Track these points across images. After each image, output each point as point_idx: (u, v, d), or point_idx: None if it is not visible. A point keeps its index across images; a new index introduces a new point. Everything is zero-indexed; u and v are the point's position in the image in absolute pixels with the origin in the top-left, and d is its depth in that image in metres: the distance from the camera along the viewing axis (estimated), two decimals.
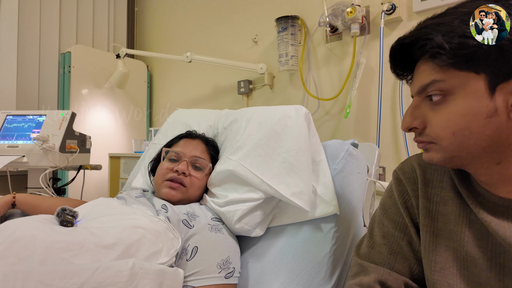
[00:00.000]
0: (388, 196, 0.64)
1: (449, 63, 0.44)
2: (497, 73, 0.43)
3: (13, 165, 1.36)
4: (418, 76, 0.50)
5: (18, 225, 0.63)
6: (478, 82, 0.44)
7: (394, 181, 0.63)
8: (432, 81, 0.47)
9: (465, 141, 0.46)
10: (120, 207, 0.82)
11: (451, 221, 0.53)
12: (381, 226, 0.62)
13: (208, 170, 0.97)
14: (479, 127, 0.44)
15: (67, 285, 0.55)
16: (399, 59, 0.54)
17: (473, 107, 0.44)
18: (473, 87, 0.44)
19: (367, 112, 1.59)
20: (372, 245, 0.62)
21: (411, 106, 0.51)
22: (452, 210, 0.53)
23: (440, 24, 0.45)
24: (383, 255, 0.60)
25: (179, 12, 2.52)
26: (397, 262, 0.59)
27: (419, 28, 0.48)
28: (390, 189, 0.64)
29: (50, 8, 2.24)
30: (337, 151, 0.91)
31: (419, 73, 0.50)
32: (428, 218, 0.56)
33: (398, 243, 0.59)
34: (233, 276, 0.76)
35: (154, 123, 2.67)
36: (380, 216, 0.64)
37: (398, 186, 0.62)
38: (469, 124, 0.45)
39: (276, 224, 0.89)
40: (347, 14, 1.51)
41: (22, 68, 2.09)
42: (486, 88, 0.44)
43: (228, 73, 2.15)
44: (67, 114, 1.47)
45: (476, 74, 0.44)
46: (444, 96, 0.47)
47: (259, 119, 0.95)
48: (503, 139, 0.45)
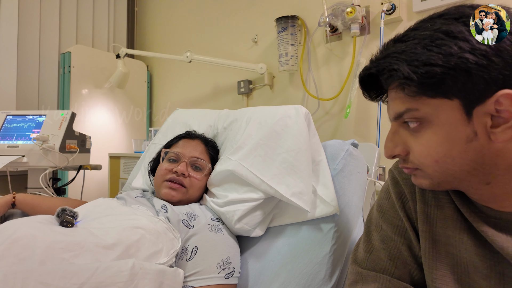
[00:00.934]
0: (385, 198, 0.62)
1: (419, 92, 0.43)
2: (470, 97, 0.41)
3: (13, 165, 1.36)
4: (391, 103, 0.49)
5: (19, 225, 0.63)
6: (453, 108, 0.43)
7: (391, 182, 0.62)
8: (406, 110, 0.46)
9: (449, 168, 0.45)
10: (120, 208, 0.82)
11: (449, 226, 0.52)
12: (379, 230, 0.60)
13: (208, 171, 0.97)
14: (460, 152, 0.44)
15: (67, 285, 0.55)
16: (369, 86, 0.52)
17: (450, 134, 0.43)
18: (448, 114, 0.43)
19: (367, 112, 1.59)
20: (371, 250, 0.60)
21: (391, 131, 0.50)
22: (449, 214, 0.52)
23: (403, 52, 0.44)
24: (383, 261, 0.58)
25: (179, 12, 2.52)
26: (397, 268, 0.57)
27: (383, 57, 0.46)
28: (387, 189, 0.62)
29: (50, 8, 2.24)
30: (337, 151, 0.91)
31: (392, 100, 0.49)
32: (426, 224, 0.54)
33: (398, 248, 0.58)
34: (233, 276, 0.76)
35: (154, 123, 2.67)
36: (378, 219, 0.62)
37: (395, 187, 0.60)
38: (450, 151, 0.44)
39: (276, 224, 0.89)
40: (347, 14, 1.51)
41: (22, 68, 2.09)
42: (462, 113, 0.42)
43: (228, 73, 2.15)
44: (67, 114, 1.47)
45: (449, 100, 0.42)
46: (420, 123, 0.46)
47: (259, 119, 0.95)
48: (488, 160, 0.43)
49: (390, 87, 0.48)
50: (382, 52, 0.48)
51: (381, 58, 0.47)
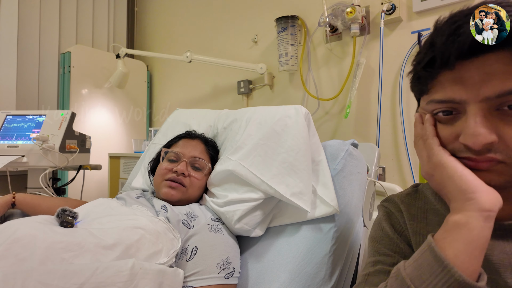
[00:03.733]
0: (379, 229, 0.59)
1: None
2: None
3: (13, 165, 1.36)
4: (492, 76, 0.41)
5: (19, 225, 0.63)
6: None
7: (384, 215, 0.59)
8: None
9: None
10: (119, 208, 0.82)
11: None
12: (377, 255, 0.57)
13: (208, 170, 0.97)
14: None
15: (67, 285, 0.55)
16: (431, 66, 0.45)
17: None
18: None
19: (367, 112, 1.59)
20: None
21: (479, 115, 0.42)
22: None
23: None
24: (384, 274, 0.53)
25: (179, 12, 2.52)
26: None
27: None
28: (379, 222, 0.59)
29: (50, 8, 2.24)
30: (337, 151, 0.91)
31: (494, 73, 0.41)
32: (421, 240, 0.53)
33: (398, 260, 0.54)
34: (233, 276, 0.75)
35: (154, 123, 2.67)
36: (373, 250, 0.58)
37: (389, 218, 0.58)
38: None
39: (276, 224, 0.89)
40: (347, 14, 1.51)
41: (22, 68, 2.09)
42: None
43: (228, 73, 2.15)
44: (67, 114, 1.47)
45: None
46: None
47: (259, 119, 0.95)
48: None
49: (489, 59, 0.41)
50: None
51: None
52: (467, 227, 0.41)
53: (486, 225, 0.41)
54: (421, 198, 0.59)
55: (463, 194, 0.43)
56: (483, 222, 0.40)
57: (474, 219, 0.41)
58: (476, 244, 0.40)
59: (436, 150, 0.47)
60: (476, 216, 0.41)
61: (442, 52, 0.43)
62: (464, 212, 0.42)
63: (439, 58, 0.44)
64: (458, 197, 0.43)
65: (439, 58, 0.44)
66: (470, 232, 0.40)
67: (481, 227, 0.40)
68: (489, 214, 0.41)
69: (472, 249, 0.40)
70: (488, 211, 0.41)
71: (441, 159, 0.46)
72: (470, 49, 0.41)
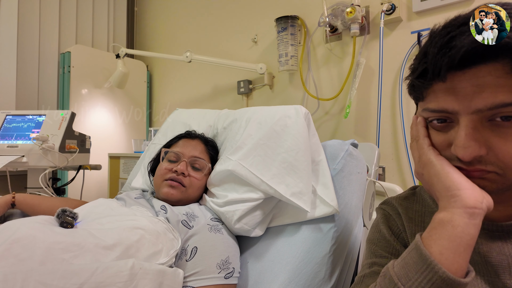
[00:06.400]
0: (376, 231, 0.59)
1: None
2: None
3: (12, 165, 1.36)
4: (484, 88, 0.41)
5: (19, 226, 0.63)
6: None
7: (381, 217, 0.60)
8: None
9: None
10: (119, 208, 0.82)
11: None
12: (373, 257, 0.57)
13: (207, 170, 0.97)
14: None
15: (67, 285, 0.55)
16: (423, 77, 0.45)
17: None
18: None
19: (367, 112, 1.59)
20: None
21: (470, 127, 0.42)
22: None
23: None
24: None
25: (179, 12, 2.52)
26: None
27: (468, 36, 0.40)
28: (377, 225, 0.60)
29: (50, 8, 2.24)
30: (336, 151, 0.91)
31: (485, 85, 0.41)
32: None
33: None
34: (233, 276, 0.75)
35: (154, 123, 2.67)
36: (370, 252, 0.58)
37: (387, 220, 0.59)
38: None
39: (275, 224, 0.89)
40: (347, 14, 1.51)
41: (21, 68, 2.09)
42: None
43: (227, 73, 2.15)
44: (67, 114, 1.47)
45: None
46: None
47: (258, 119, 0.95)
48: None
49: (482, 64, 0.41)
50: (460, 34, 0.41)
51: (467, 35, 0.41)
52: (451, 224, 0.41)
53: (471, 222, 0.41)
54: (419, 200, 0.59)
55: (448, 191, 0.43)
56: (467, 219, 0.41)
57: (458, 215, 0.41)
58: (460, 241, 0.40)
59: (425, 150, 0.48)
60: (460, 213, 0.41)
61: (433, 64, 0.43)
62: (448, 209, 0.42)
63: (431, 70, 0.44)
64: (443, 194, 0.44)
65: (431, 70, 0.44)
66: (454, 229, 0.40)
67: (465, 224, 0.40)
68: (474, 211, 0.41)
69: (457, 246, 0.40)
70: (472, 208, 0.41)
71: (429, 157, 0.47)
72: (461, 63, 0.41)
